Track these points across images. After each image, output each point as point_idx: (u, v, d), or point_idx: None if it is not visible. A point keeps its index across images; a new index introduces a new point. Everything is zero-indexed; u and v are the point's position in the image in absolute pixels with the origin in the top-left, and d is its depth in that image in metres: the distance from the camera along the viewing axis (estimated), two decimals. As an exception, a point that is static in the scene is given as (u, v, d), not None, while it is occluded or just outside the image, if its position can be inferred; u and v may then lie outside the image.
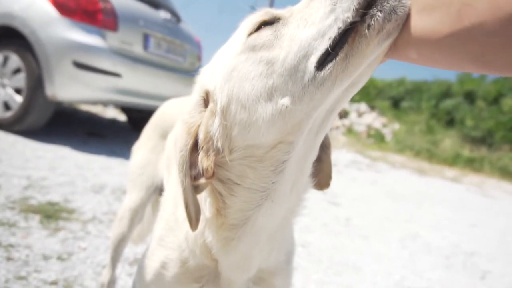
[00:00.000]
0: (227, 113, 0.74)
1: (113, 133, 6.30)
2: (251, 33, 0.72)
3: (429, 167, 11.11)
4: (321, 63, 0.62)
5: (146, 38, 4.96)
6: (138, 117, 6.64)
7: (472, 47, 0.50)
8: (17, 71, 4.48)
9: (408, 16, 0.57)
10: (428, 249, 3.71)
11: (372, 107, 16.56)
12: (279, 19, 0.72)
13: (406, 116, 15.89)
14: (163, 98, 5.08)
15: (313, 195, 0.95)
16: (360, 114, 16.10)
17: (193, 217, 0.79)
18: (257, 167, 0.74)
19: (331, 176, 0.93)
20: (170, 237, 0.95)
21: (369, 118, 15.84)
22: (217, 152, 0.76)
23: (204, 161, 0.76)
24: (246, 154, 0.74)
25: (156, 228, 1.02)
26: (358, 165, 8.54)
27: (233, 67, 0.73)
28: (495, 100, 15.14)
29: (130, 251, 2.28)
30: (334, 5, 0.59)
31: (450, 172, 10.92)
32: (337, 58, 0.60)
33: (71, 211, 2.67)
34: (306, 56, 0.63)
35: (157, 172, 1.44)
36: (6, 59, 4.53)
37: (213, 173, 0.76)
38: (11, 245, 2.05)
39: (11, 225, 2.26)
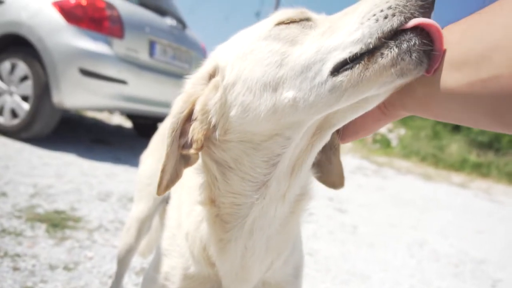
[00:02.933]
0: (230, 91, 0.75)
1: (119, 140, 6.32)
2: (279, 24, 0.74)
3: (435, 172, 11.03)
4: (337, 70, 0.63)
5: (152, 45, 4.98)
6: (143, 124, 6.67)
7: (487, 100, 0.49)
8: (24, 78, 4.51)
9: (437, 73, 0.57)
10: (436, 257, 3.66)
11: (378, 112, 16.49)
12: (310, 21, 0.73)
13: (412, 121, 15.80)
14: (169, 105, 5.09)
15: (320, 202, 0.95)
16: (365, 119, 16.03)
17: (164, 183, 0.81)
18: (252, 155, 0.75)
19: (344, 175, 0.95)
20: (173, 245, 0.96)
21: (374, 123, 15.76)
22: (210, 127, 0.77)
23: (196, 132, 0.77)
24: (242, 138, 0.75)
25: (162, 238, 1.02)
26: (364, 171, 8.50)
27: (251, 49, 0.74)
28: (502, 105, 15.02)
29: (136, 260, 2.26)
30: (362, 24, 0.60)
31: (457, 177, 10.84)
32: (354, 69, 0.61)
33: (77, 220, 2.66)
34: (322, 60, 0.65)
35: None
36: (13, 67, 4.56)
37: (202, 146, 0.77)
38: (18, 255, 2.05)
39: (18, 234, 2.26)
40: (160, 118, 6.09)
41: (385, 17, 0.58)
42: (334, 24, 0.67)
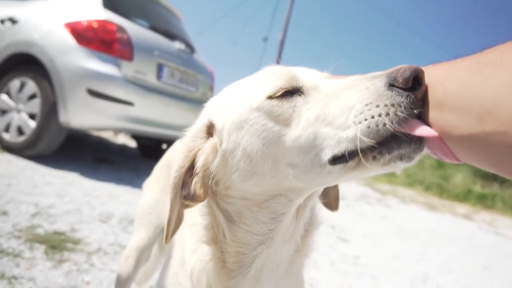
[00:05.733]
0: (230, 156, 0.76)
1: (123, 160, 6.32)
2: (270, 97, 0.73)
3: (439, 202, 10.91)
4: (334, 160, 0.66)
5: (160, 68, 5.04)
6: (148, 144, 6.68)
7: (492, 152, 0.49)
8: (32, 97, 4.56)
9: (426, 110, 0.59)
10: (439, 292, 3.58)
11: (382, 140, 16.48)
12: (301, 92, 0.73)
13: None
14: (174, 127, 5.11)
15: (322, 230, 0.97)
16: (369, 146, 16.01)
17: (170, 232, 0.83)
18: (255, 212, 0.77)
19: (339, 199, 0.99)
20: (175, 284, 0.94)
21: (378, 151, 15.73)
22: (212, 183, 0.79)
23: (197, 187, 0.79)
24: (243, 196, 0.77)
25: (164, 276, 1.00)
26: (367, 199, 8.42)
27: (245, 118, 0.75)
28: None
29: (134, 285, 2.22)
30: (354, 124, 0.63)
31: (461, 208, 10.71)
32: (349, 163, 0.65)
33: (76, 242, 2.64)
34: (319, 146, 0.67)
35: (166, 212, 1.42)
36: (23, 85, 4.62)
37: (204, 199, 0.80)
38: (15, 277, 2.02)
39: (16, 255, 2.24)
40: (164, 140, 6.11)
41: (377, 125, 0.61)
42: (327, 105, 0.68)
